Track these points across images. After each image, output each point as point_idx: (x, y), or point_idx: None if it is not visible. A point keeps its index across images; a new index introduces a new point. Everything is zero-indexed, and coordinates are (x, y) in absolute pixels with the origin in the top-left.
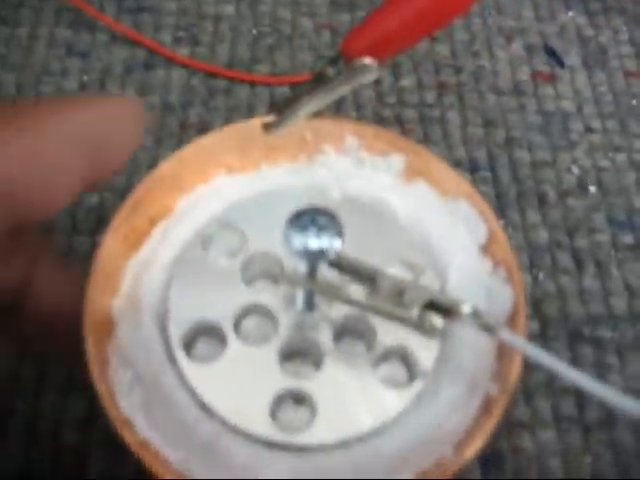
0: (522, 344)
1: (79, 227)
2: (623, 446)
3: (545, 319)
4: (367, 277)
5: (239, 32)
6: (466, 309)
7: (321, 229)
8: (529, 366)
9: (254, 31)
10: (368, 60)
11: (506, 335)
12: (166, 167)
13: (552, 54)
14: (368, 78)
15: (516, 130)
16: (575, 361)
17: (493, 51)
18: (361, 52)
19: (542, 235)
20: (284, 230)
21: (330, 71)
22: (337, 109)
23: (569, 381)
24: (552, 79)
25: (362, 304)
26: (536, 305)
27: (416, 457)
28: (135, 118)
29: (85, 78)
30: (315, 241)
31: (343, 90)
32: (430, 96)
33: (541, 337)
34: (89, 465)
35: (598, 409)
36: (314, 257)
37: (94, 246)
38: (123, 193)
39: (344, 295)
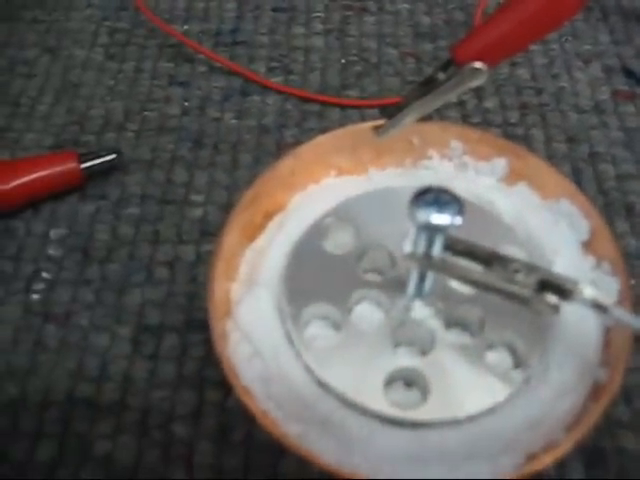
0: (633, 319)
1: (184, 238)
2: None
3: None
4: (482, 258)
5: (328, 61)
6: (580, 287)
7: (444, 205)
8: (628, 367)
9: (343, 60)
10: (478, 64)
11: (618, 312)
12: (282, 164)
13: (630, 74)
14: (478, 82)
15: (599, 146)
16: None
17: (572, 73)
18: (472, 57)
19: (631, 243)
20: (409, 205)
21: (440, 76)
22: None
23: None
24: (632, 97)
25: (477, 281)
26: (632, 310)
27: (526, 439)
28: None
29: (186, 104)
30: (438, 216)
31: (453, 94)
32: (513, 116)
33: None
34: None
35: None
36: (435, 231)
37: (198, 255)
38: (225, 207)
39: (461, 273)
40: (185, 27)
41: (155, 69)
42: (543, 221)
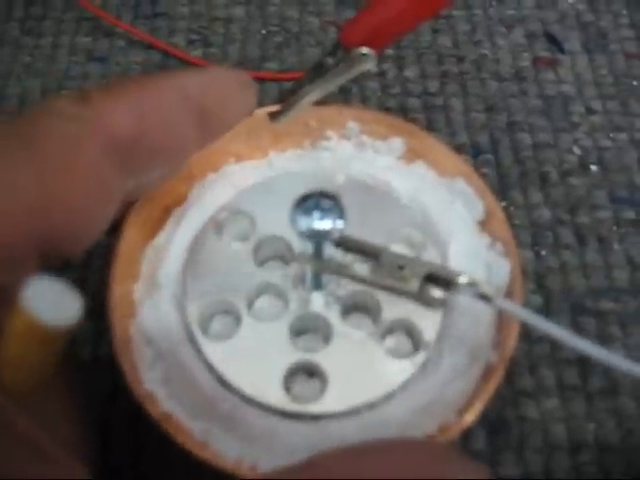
0: (516, 310)
1: None
2: (626, 412)
3: (548, 293)
4: (370, 254)
5: (249, 32)
6: (463, 279)
7: (325, 211)
8: (532, 338)
9: (263, 31)
10: (365, 49)
11: (502, 302)
12: None
13: (552, 40)
14: (366, 67)
15: (518, 114)
16: (578, 333)
17: (494, 40)
18: (359, 42)
19: (544, 214)
20: (290, 213)
21: (329, 61)
22: (343, 100)
23: (564, 343)
24: (553, 64)
25: (366, 279)
26: (539, 280)
27: (421, 422)
28: (246, 87)
29: (105, 81)
30: (319, 223)
31: (343, 79)
32: (433, 85)
33: (545, 310)
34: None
35: (601, 378)
36: (319, 238)
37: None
38: None
39: (350, 272)
40: None
41: (73, 44)
42: (439, 200)
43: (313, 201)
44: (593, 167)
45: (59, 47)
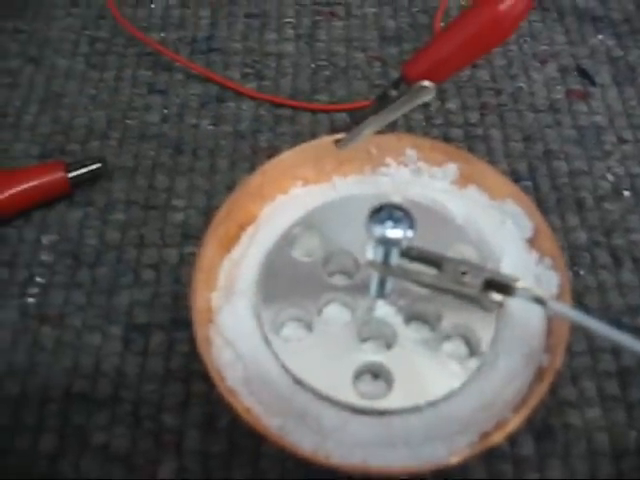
0: (568, 310)
1: (167, 241)
2: None
3: (587, 311)
4: (434, 262)
5: (299, 66)
6: (520, 284)
7: (397, 221)
8: (573, 351)
9: (312, 65)
10: (427, 82)
11: (554, 305)
12: (251, 180)
13: (584, 74)
14: (426, 98)
15: (553, 144)
16: (618, 348)
17: (529, 73)
18: (420, 75)
19: (581, 236)
20: (365, 222)
21: (392, 93)
22: (390, 131)
23: (611, 340)
24: (585, 96)
25: (430, 284)
26: (578, 299)
27: (480, 420)
28: None
29: (165, 112)
30: (392, 231)
31: (404, 110)
32: (473, 116)
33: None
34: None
35: None
36: (390, 245)
37: (181, 257)
38: (205, 211)
39: (415, 277)
40: (162, 35)
41: (135, 77)
42: (491, 221)
43: (386, 211)
44: (626, 193)
45: (122, 80)
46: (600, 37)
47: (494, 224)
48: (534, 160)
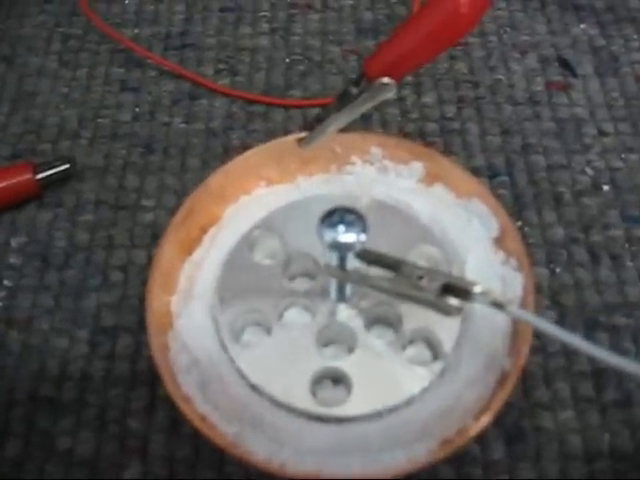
0: (528, 316)
1: (136, 242)
2: None
3: (563, 309)
4: (390, 266)
5: (273, 61)
6: (478, 289)
7: (348, 225)
8: (547, 352)
9: (287, 60)
10: (387, 79)
11: (514, 310)
12: (213, 180)
13: (565, 65)
14: (387, 95)
15: (532, 137)
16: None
17: (508, 65)
18: (380, 73)
19: (558, 232)
20: (317, 227)
21: (353, 90)
22: (365, 127)
23: (576, 347)
24: (566, 88)
25: (387, 289)
26: (554, 296)
27: (441, 426)
28: None
29: (137, 110)
30: (343, 236)
31: (366, 107)
32: (450, 110)
33: (559, 325)
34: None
35: (615, 390)
36: (343, 249)
37: (150, 258)
38: (174, 211)
39: (371, 282)
40: (135, 31)
41: (107, 75)
42: (457, 220)
43: (338, 216)
44: (605, 187)
45: (94, 78)
46: (583, 26)
47: (460, 223)
48: (511, 154)
